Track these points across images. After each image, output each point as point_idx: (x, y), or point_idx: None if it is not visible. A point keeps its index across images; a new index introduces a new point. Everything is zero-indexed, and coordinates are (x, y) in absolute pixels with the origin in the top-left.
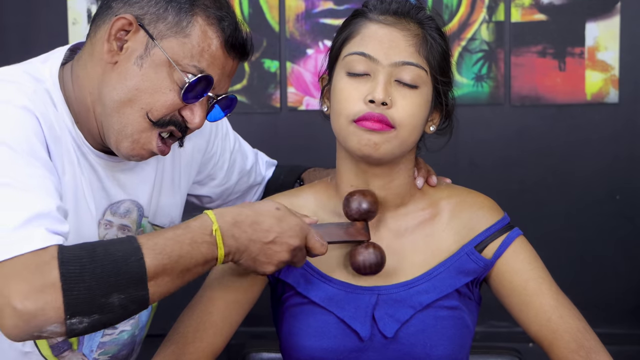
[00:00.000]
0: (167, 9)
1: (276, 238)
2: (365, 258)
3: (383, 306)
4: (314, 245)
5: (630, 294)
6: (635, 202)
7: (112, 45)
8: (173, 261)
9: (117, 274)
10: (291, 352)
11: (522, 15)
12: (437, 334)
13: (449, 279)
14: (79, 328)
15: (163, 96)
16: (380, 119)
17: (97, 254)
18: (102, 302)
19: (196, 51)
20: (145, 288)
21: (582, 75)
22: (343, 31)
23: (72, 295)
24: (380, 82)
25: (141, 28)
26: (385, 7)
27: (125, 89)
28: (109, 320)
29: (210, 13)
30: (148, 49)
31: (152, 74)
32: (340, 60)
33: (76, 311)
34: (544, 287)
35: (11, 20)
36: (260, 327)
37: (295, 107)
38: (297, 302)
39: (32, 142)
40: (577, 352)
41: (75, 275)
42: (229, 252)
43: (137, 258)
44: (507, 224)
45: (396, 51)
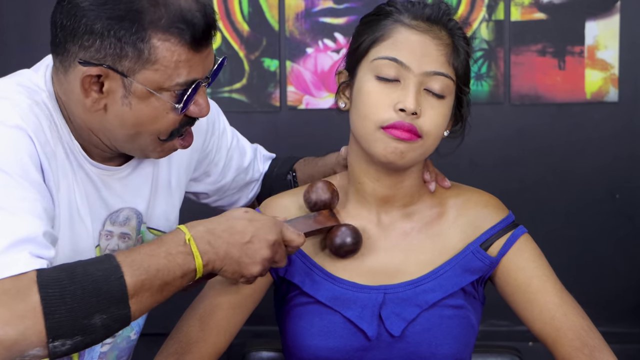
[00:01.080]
0: (122, 46)
1: (253, 237)
2: (342, 239)
3: (389, 305)
4: (291, 237)
5: (630, 292)
6: (635, 201)
7: (92, 96)
8: (152, 276)
9: (98, 294)
10: (295, 352)
11: (521, 14)
12: (442, 333)
13: (454, 278)
14: (61, 350)
15: (164, 119)
16: (409, 129)
17: (77, 274)
18: (85, 323)
19: (171, 70)
20: (127, 306)
21: (582, 74)
22: (371, 31)
23: (53, 318)
24: (411, 91)
25: (110, 70)
26: (418, 11)
27: (127, 127)
28: (92, 340)
29: (162, 25)
30: (126, 87)
31: (144, 107)
32: (367, 62)
33: (58, 334)
34: (548, 284)
35: (11, 20)
36: (261, 326)
37: (295, 106)
38: (302, 301)
39: (24, 163)
40: (581, 350)
41: (55, 298)
42: (207, 260)
43: (117, 276)
44: (512, 222)
45: (428, 60)
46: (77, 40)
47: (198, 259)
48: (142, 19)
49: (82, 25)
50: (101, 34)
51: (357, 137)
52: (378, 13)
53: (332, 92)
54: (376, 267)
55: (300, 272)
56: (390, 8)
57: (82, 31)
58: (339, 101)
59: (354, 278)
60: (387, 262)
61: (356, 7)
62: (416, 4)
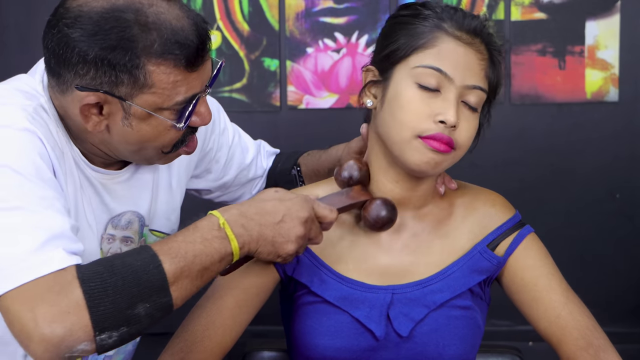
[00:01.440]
0: (117, 74)
1: (284, 216)
2: (377, 211)
3: (397, 305)
4: (324, 213)
5: (630, 292)
6: (635, 200)
7: (93, 120)
8: (189, 262)
9: (138, 284)
10: (302, 351)
11: (522, 14)
12: (449, 334)
13: (462, 278)
14: (108, 343)
15: (167, 136)
16: (447, 142)
17: (116, 266)
18: (128, 313)
19: (169, 91)
20: (168, 294)
21: (582, 73)
22: (410, 35)
23: (98, 311)
24: (452, 103)
25: (108, 95)
26: (462, 21)
27: (131, 144)
28: (137, 330)
29: (155, 51)
30: (126, 109)
31: (145, 127)
32: (407, 67)
33: (104, 327)
34: (554, 283)
35: (11, 20)
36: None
37: (295, 105)
38: (309, 300)
39: (37, 164)
40: (586, 350)
41: (98, 291)
42: (242, 243)
43: (156, 265)
44: (518, 222)
45: (470, 74)
46: (71, 68)
47: (234, 242)
48: (135, 46)
49: (75, 54)
50: (95, 63)
51: (386, 140)
52: (414, 14)
53: (332, 92)
54: (385, 267)
55: (309, 272)
56: (429, 11)
57: (75, 60)
58: (365, 98)
59: (362, 278)
60: (397, 263)
61: (356, 6)
62: (457, 11)
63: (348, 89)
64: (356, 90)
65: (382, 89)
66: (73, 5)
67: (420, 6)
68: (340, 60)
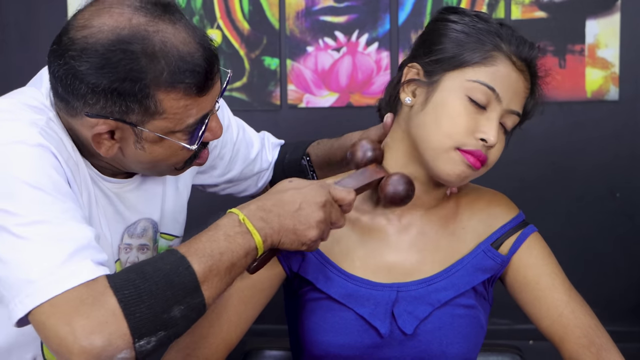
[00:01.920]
0: (128, 104)
1: (302, 203)
2: (394, 187)
3: (402, 303)
4: (340, 195)
5: (630, 291)
6: (635, 199)
7: (105, 145)
8: (217, 260)
9: (171, 286)
10: (306, 347)
11: (522, 13)
12: (453, 332)
13: (466, 277)
14: (147, 349)
15: (179, 155)
16: (483, 160)
17: (147, 272)
18: (165, 317)
19: (180, 115)
20: (200, 294)
21: (583, 72)
22: (470, 47)
23: (135, 318)
24: (495, 124)
25: (119, 122)
26: (520, 48)
27: (144, 164)
28: (175, 333)
29: (164, 81)
30: (137, 134)
31: (158, 149)
32: (461, 77)
33: (142, 333)
34: (556, 282)
35: (11, 18)
36: (262, 325)
37: (296, 104)
38: (314, 297)
39: (54, 178)
40: (588, 348)
41: (133, 298)
42: (264, 235)
43: (185, 267)
44: (522, 221)
45: (516, 100)
46: (80, 98)
47: (256, 235)
48: (144, 77)
49: (83, 86)
50: (104, 94)
51: (421, 142)
52: (473, 26)
53: (332, 90)
54: (392, 265)
55: (314, 269)
56: (487, 26)
57: (84, 91)
58: (403, 95)
59: (368, 275)
60: (403, 261)
61: (356, 5)
62: (513, 32)
63: (348, 87)
64: (356, 89)
65: (426, 91)
66: (78, 36)
67: (475, 17)
68: (341, 59)
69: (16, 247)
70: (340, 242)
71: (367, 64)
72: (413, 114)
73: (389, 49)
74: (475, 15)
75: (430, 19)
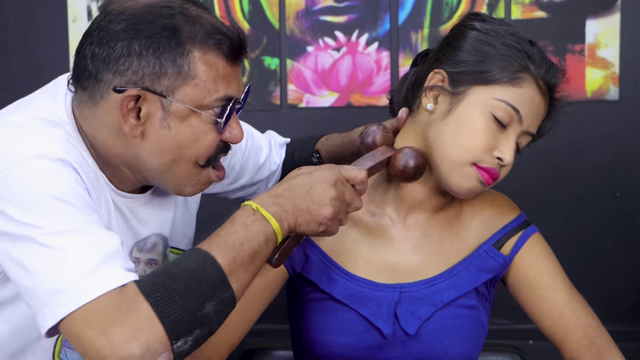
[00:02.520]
0: (162, 63)
1: (313, 184)
2: (405, 160)
3: (405, 303)
4: (351, 174)
5: (630, 291)
6: (635, 199)
7: (130, 122)
8: (239, 250)
9: (200, 283)
10: (308, 347)
11: (522, 13)
12: (455, 333)
13: (469, 277)
14: (185, 349)
15: (204, 141)
16: (495, 178)
17: (174, 274)
18: (199, 315)
19: (211, 84)
20: (229, 287)
21: (583, 72)
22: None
23: (170, 320)
24: (513, 144)
25: (148, 92)
26: (547, 72)
27: (165, 152)
28: (209, 330)
29: (199, 39)
30: (165, 107)
31: (184, 127)
32: (488, 93)
33: (179, 334)
34: (557, 282)
35: (11, 18)
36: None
37: (296, 104)
38: (317, 297)
39: (76, 190)
40: (589, 348)
41: (165, 301)
42: (280, 219)
43: (211, 262)
44: (523, 222)
45: (535, 123)
46: (112, 67)
47: (272, 220)
48: (180, 34)
49: (117, 48)
50: (139, 53)
51: (437, 152)
52: (504, 40)
53: (332, 90)
54: (395, 266)
55: (318, 269)
56: (521, 46)
57: (117, 55)
58: (425, 101)
59: (372, 276)
60: (407, 262)
61: (356, 5)
62: (543, 55)
63: (348, 87)
64: (356, 88)
65: (450, 101)
66: (113, 7)
67: (504, 29)
68: (341, 58)
69: (43, 257)
70: (344, 243)
71: (367, 64)
72: (433, 120)
73: (389, 48)
74: (503, 26)
75: (458, 22)
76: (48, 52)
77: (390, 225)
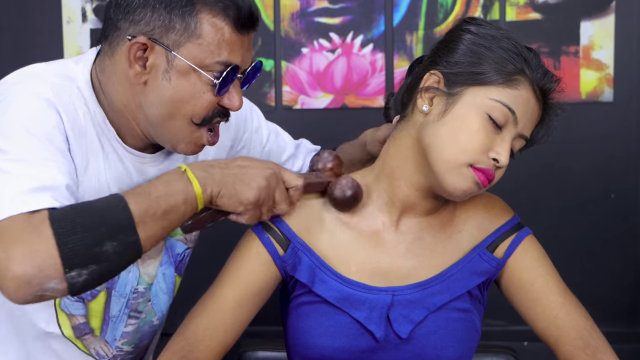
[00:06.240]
0: (172, 18)
1: (248, 165)
2: (342, 190)
3: (397, 307)
4: (289, 177)
5: (625, 292)
6: (630, 200)
7: (136, 69)
8: (154, 202)
9: (105, 222)
10: (300, 350)
11: (516, 14)
12: (448, 336)
13: (462, 280)
14: (79, 282)
15: (200, 100)
16: (491, 179)
17: (85, 208)
18: (97, 251)
19: (214, 47)
20: (135, 233)
21: (577, 74)
22: (498, 66)
23: (66, 249)
24: (508, 145)
25: (156, 43)
26: (542, 78)
27: (164, 104)
28: (107, 269)
29: (210, 2)
30: (170, 61)
31: (183, 82)
32: (484, 94)
33: (73, 264)
34: (551, 284)
35: (5, 20)
36: (256, 326)
37: (291, 105)
38: (309, 300)
39: (50, 131)
40: (584, 350)
41: (67, 230)
42: (204, 185)
43: (122, 205)
44: (517, 224)
45: (529, 126)
46: (129, 16)
47: (195, 183)
48: None
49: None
50: (153, 6)
51: (433, 153)
52: (502, 47)
53: (327, 92)
54: (388, 269)
55: (310, 272)
56: (518, 50)
57: (135, 5)
58: (421, 102)
59: (364, 279)
60: (400, 266)
61: (351, 7)
62: (540, 61)
63: (343, 89)
64: (351, 90)
65: (446, 102)
66: None
67: (500, 33)
68: (336, 60)
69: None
70: (337, 246)
71: (362, 66)
72: (428, 122)
73: (383, 50)
74: (499, 30)
75: (453, 26)
76: (43, 54)
77: (383, 229)
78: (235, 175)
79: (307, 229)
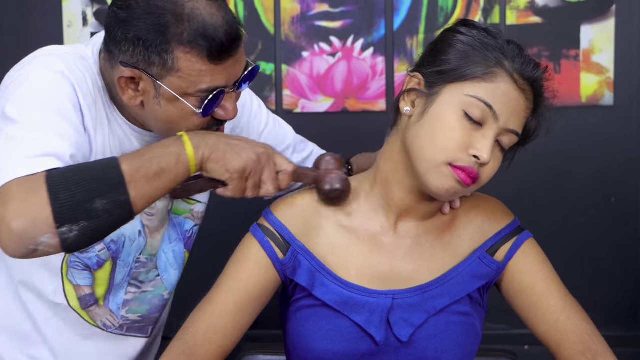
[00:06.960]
0: (149, 55)
1: (243, 141)
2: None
3: (398, 310)
4: (280, 160)
5: (625, 296)
6: (630, 204)
7: (129, 94)
8: (146, 162)
9: (96, 180)
10: (300, 354)
11: (517, 18)
12: (448, 339)
13: (462, 284)
14: (70, 237)
15: (190, 121)
16: (474, 177)
17: (80, 168)
18: (87, 207)
19: (194, 78)
20: (125, 191)
21: (577, 77)
22: (472, 61)
23: (58, 204)
24: (490, 142)
25: (143, 73)
26: (523, 67)
27: (161, 123)
28: (97, 226)
29: (183, 39)
30: (157, 89)
31: (172, 108)
32: (459, 91)
33: (64, 219)
34: (552, 288)
35: (6, 23)
36: (256, 330)
37: (291, 109)
38: (309, 304)
39: (62, 103)
40: (584, 354)
41: (60, 187)
42: (197, 147)
43: (114, 165)
44: (517, 227)
45: (515, 119)
46: (117, 45)
47: (188, 144)
48: (167, 32)
49: (119, 33)
50: (133, 42)
51: (414, 154)
52: (479, 40)
53: (327, 96)
54: (388, 273)
55: (310, 276)
56: (494, 41)
57: (120, 38)
58: (403, 105)
59: (364, 283)
60: (399, 269)
61: (352, 10)
62: (520, 51)
63: (344, 93)
64: (352, 94)
65: (425, 102)
66: None
67: (484, 31)
68: (336, 64)
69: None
70: (337, 250)
71: (363, 69)
72: (410, 124)
73: (384, 54)
74: (484, 30)
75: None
76: None
77: (381, 233)
78: (228, 144)
79: (307, 232)
